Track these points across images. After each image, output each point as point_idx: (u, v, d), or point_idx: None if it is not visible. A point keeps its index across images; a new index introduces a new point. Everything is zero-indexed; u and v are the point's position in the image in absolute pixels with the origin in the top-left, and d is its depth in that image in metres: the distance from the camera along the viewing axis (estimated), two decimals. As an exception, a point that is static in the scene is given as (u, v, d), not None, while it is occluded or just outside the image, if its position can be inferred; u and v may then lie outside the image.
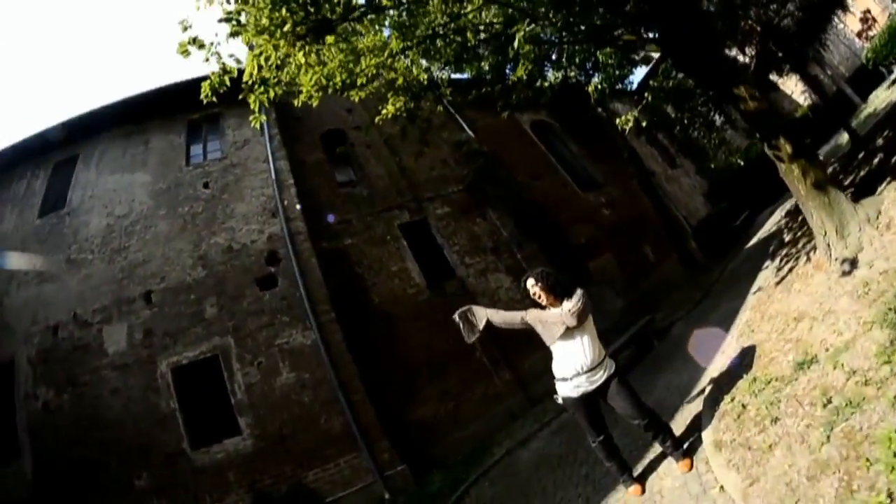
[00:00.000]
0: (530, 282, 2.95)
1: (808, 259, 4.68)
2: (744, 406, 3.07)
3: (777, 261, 6.11)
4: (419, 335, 7.88)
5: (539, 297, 2.92)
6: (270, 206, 7.85)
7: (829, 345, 2.99)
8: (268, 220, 7.74)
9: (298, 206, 7.97)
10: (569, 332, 2.84)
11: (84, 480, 5.64)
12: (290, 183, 8.19)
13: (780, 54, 8.76)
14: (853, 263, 3.48)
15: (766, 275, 6.16)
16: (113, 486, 5.63)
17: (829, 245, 3.89)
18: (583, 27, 5.03)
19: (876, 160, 6.24)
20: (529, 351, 7.42)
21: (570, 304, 2.83)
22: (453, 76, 10.04)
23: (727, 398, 3.37)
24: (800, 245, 5.52)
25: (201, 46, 4.23)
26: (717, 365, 4.51)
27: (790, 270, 5.05)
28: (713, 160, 13.35)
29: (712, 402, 3.51)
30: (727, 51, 8.09)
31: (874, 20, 18.30)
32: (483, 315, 3.02)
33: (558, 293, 2.91)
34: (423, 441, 6.92)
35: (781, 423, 2.58)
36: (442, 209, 9.86)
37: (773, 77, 12.50)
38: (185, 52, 4.15)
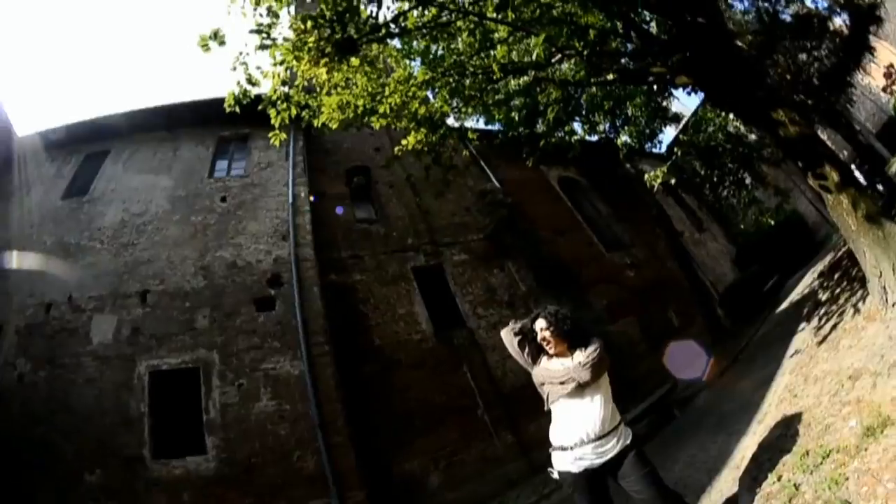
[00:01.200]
0: (540, 323, 2.43)
1: (856, 311, 4.05)
2: (796, 487, 2.43)
3: (815, 321, 5.42)
4: (418, 384, 7.32)
5: (548, 343, 2.41)
6: (283, 229, 7.78)
7: None
8: (277, 242, 7.63)
9: (310, 234, 7.89)
10: (578, 390, 2.27)
11: (38, 460, 5.35)
12: (305, 209, 8.16)
13: (809, 102, 8.52)
14: (917, 306, 2.89)
15: (804, 336, 5.45)
16: (64, 474, 5.29)
17: (885, 288, 3.29)
18: (609, 62, 4.95)
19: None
20: (537, 414, 6.64)
21: (584, 356, 2.31)
22: (481, 126, 10.34)
23: (772, 477, 2.72)
24: (842, 300, 4.88)
25: (222, 43, 4.31)
26: (754, 437, 3.78)
27: (834, 327, 4.39)
28: (743, 220, 12.81)
29: (751, 483, 2.83)
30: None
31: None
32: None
33: (572, 341, 2.39)
34: (406, 498, 6.14)
35: (854, 509, 1.94)
36: (459, 256, 9.58)
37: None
38: (206, 47, 4.23)
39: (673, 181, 8.51)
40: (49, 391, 5.90)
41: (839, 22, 9.35)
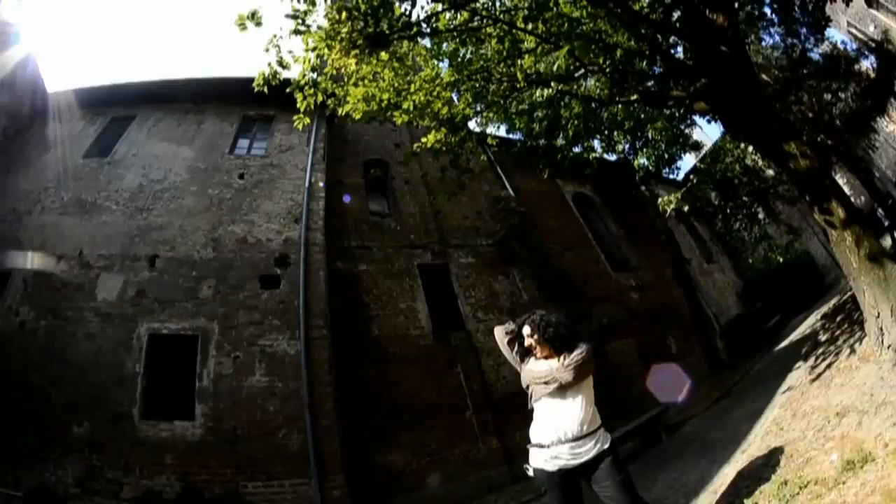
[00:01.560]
0: (525, 329, 2.49)
1: (852, 351, 4.05)
2: (771, 513, 2.45)
3: (812, 359, 5.41)
4: (411, 379, 7.39)
5: (534, 347, 2.46)
6: (296, 211, 7.91)
7: (887, 440, 2.40)
8: (289, 223, 7.75)
9: (322, 220, 8.00)
10: (560, 391, 2.31)
11: (28, 406, 5.47)
12: (320, 195, 8.28)
13: (830, 142, 8.47)
14: (911, 350, 2.89)
15: (798, 374, 5.44)
16: (53, 423, 5.41)
17: (881, 329, 3.29)
18: (633, 82, 5.01)
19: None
20: (524, 423, 6.66)
21: (569, 358, 2.34)
22: (500, 133, 10.43)
23: (748, 503, 2.78)
24: (840, 341, 4.87)
25: (258, 24, 4.45)
26: (736, 465, 3.79)
27: (829, 366, 4.40)
28: (752, 255, 12.70)
29: (727, 507, 2.86)
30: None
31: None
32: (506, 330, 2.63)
33: (557, 346, 2.41)
34: (384, 489, 6.19)
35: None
36: (466, 259, 9.64)
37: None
38: (242, 26, 4.37)
39: (686, 208, 8.50)
40: (48, 341, 6.04)
41: (867, 65, 9.30)
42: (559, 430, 2.28)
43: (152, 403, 5.70)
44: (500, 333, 2.65)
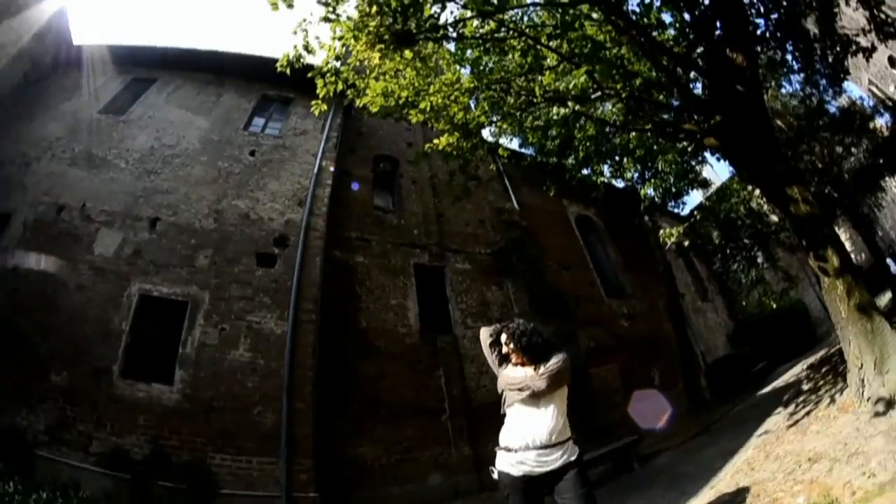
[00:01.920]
0: (503, 337, 2.52)
1: (832, 401, 4.07)
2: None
3: (792, 406, 5.43)
4: (392, 375, 7.41)
5: (512, 355, 2.49)
6: (301, 195, 7.96)
7: (855, 488, 2.44)
8: (293, 206, 7.80)
9: (326, 207, 8.05)
10: (533, 399, 2.31)
11: (10, 349, 5.48)
12: (327, 182, 8.35)
13: (836, 195, 8.53)
14: (890, 404, 2.91)
15: (777, 419, 5.45)
16: (31, 368, 5.44)
17: (863, 381, 3.32)
18: (648, 111, 5.08)
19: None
20: (498, 433, 6.66)
21: (545, 367, 2.34)
22: (512, 146, 10.51)
23: None
24: (821, 391, 4.90)
25: (290, 6, 4.53)
26: (703, 499, 3.81)
27: (807, 414, 4.43)
28: (746, 298, 12.75)
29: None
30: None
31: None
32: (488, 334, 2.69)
33: (533, 355, 2.42)
34: (350, 481, 6.19)
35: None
36: (463, 265, 9.68)
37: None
38: (274, 6, 4.45)
39: (687, 243, 8.54)
40: (39, 287, 6.08)
41: (882, 123, 9.38)
42: (528, 436, 2.28)
43: (133, 363, 5.71)
44: (485, 335, 2.70)
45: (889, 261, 10.76)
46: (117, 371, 5.57)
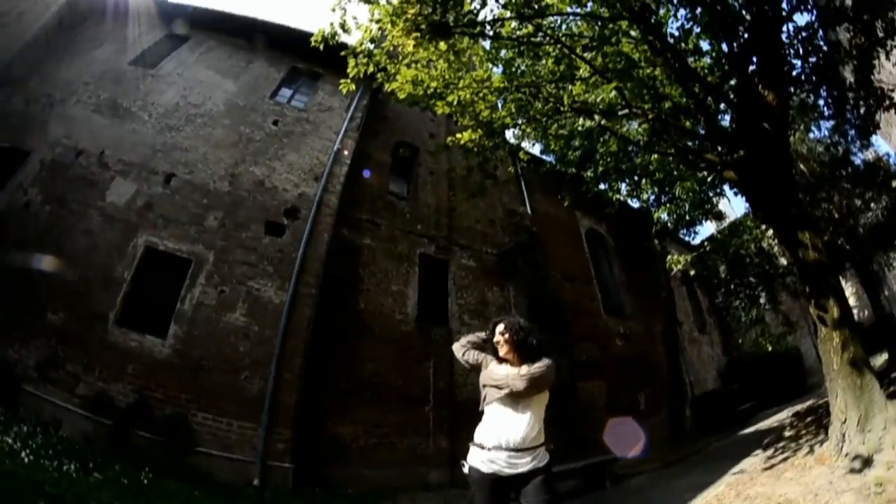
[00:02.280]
0: (500, 327, 2.51)
1: (811, 451, 4.06)
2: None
3: (770, 451, 5.42)
4: (383, 360, 7.47)
5: (500, 345, 2.48)
6: (318, 170, 8.02)
7: None
8: (308, 180, 7.87)
9: (341, 185, 8.10)
10: (512, 400, 2.31)
11: (12, 283, 5.56)
12: (345, 161, 8.39)
13: (847, 247, 8.44)
14: (867, 462, 2.91)
15: (754, 461, 5.46)
16: (30, 305, 5.53)
17: (844, 435, 3.32)
18: (673, 135, 5.05)
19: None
20: (478, 432, 6.75)
21: (529, 369, 2.33)
22: (534, 151, 10.47)
23: None
24: (802, 440, 4.90)
25: (332, -19, 4.53)
26: (666, 526, 3.83)
27: (784, 460, 4.43)
28: (744, 336, 12.68)
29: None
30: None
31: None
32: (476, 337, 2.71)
33: (523, 353, 2.41)
34: (327, 456, 6.27)
35: None
36: (468, 261, 9.72)
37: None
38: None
39: (693, 273, 8.50)
40: (48, 226, 6.19)
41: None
42: (502, 436, 2.29)
43: (130, 313, 5.81)
44: (463, 342, 2.69)
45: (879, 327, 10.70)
46: (113, 318, 5.67)
